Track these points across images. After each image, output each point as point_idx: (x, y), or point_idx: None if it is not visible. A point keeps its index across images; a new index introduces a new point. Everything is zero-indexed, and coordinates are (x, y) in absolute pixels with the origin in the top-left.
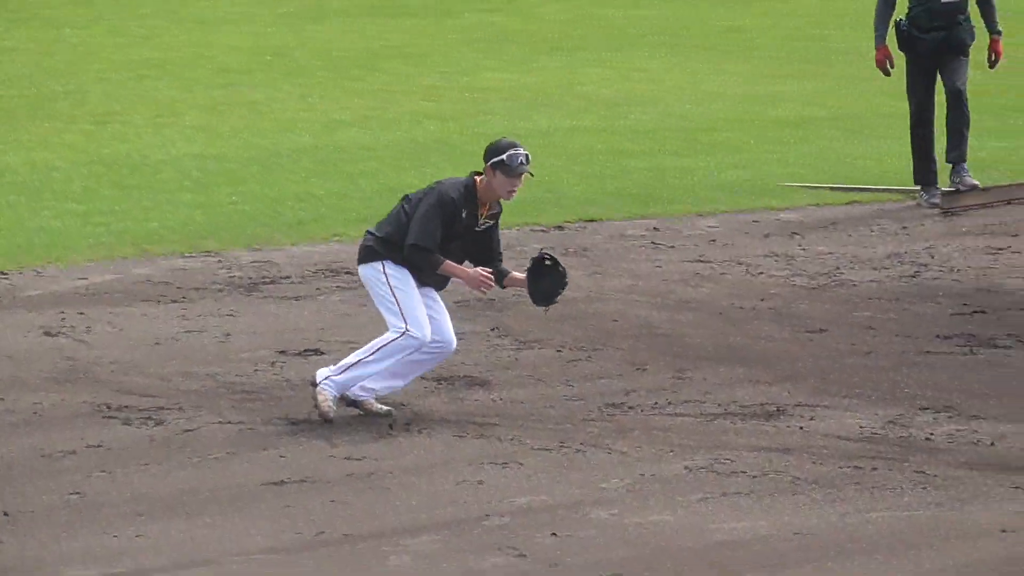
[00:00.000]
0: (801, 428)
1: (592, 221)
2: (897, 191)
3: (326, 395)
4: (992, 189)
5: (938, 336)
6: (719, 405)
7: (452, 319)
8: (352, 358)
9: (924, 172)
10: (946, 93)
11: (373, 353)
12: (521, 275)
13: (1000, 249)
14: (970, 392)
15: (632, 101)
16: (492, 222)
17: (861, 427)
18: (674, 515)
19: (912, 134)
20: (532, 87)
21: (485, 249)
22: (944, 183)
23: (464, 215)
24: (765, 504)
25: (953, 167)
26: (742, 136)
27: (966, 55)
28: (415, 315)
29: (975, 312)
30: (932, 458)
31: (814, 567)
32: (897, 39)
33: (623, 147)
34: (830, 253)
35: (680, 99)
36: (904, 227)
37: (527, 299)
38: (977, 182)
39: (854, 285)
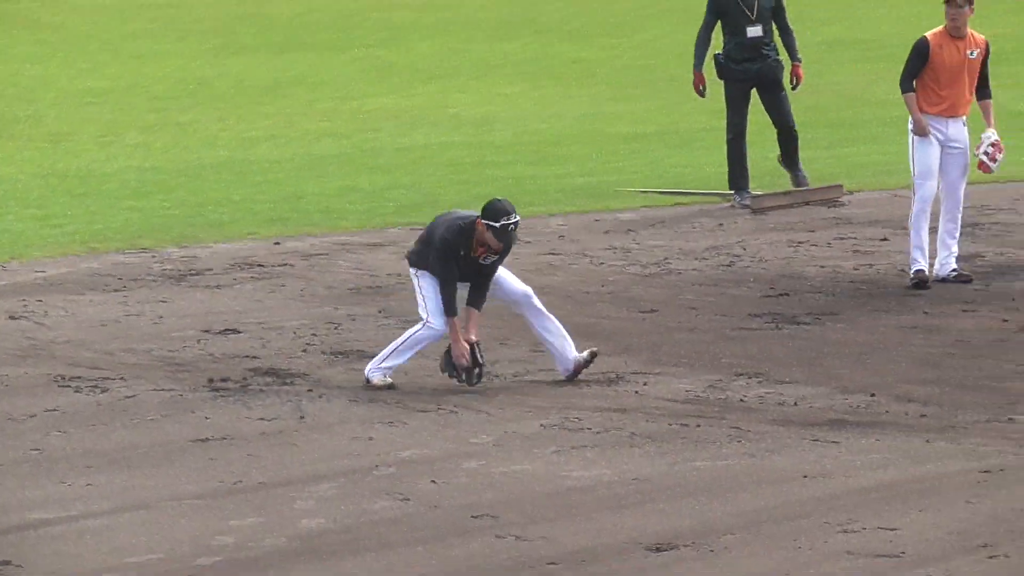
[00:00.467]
0: (636, 392)
1: None
2: (714, 195)
3: (378, 377)
4: (792, 192)
5: (750, 315)
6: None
7: (344, 304)
8: (388, 350)
9: (738, 178)
10: (779, 127)
11: (404, 342)
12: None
13: (800, 242)
14: (777, 361)
15: (494, 121)
16: (496, 257)
17: (687, 391)
18: (532, 465)
19: (729, 147)
20: (411, 109)
21: (483, 280)
22: (755, 187)
23: (462, 253)
24: (608, 455)
25: (791, 172)
26: (585, 149)
27: (782, 88)
28: (435, 309)
29: (780, 295)
30: (746, 416)
31: (649, 507)
32: (716, 69)
33: (487, 159)
34: (659, 246)
35: (533, 119)
36: (720, 224)
37: (410, 286)
38: (807, 180)
39: (680, 273)
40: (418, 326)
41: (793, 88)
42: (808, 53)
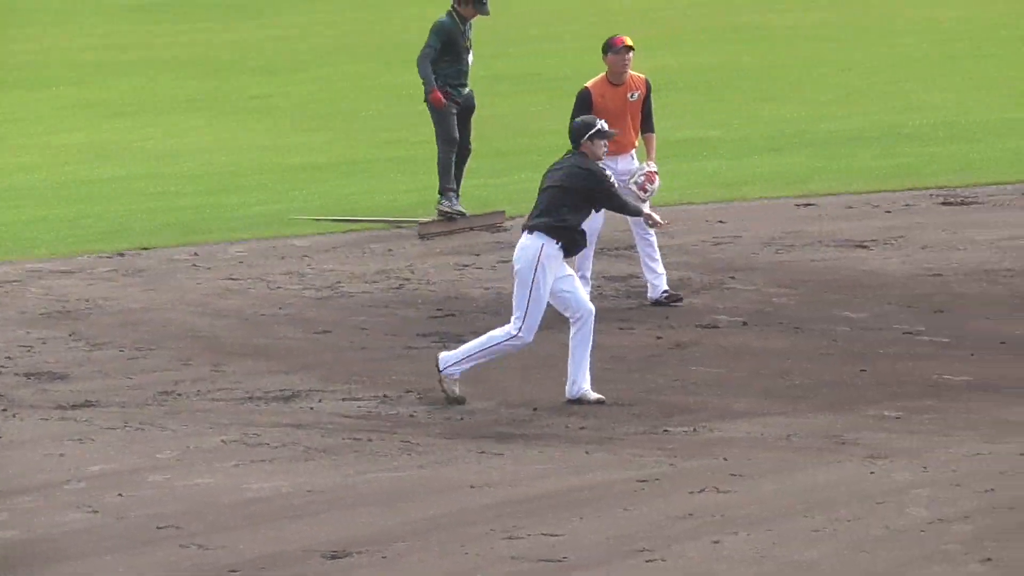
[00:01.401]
0: (312, 408)
1: (147, 249)
2: (383, 221)
3: (453, 375)
4: (458, 219)
5: (418, 334)
6: (247, 391)
7: (36, 328)
8: (467, 351)
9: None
10: (465, 148)
11: (485, 349)
12: None
13: (466, 265)
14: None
15: (178, 153)
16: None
17: (359, 407)
18: (214, 478)
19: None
20: (103, 143)
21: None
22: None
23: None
24: (285, 468)
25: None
26: (264, 179)
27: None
28: (532, 325)
29: (447, 315)
30: (416, 430)
31: (325, 516)
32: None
33: (171, 189)
34: (332, 270)
35: (216, 151)
36: (390, 249)
37: (97, 310)
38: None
39: (352, 296)
40: (503, 335)
41: None
42: (476, 85)
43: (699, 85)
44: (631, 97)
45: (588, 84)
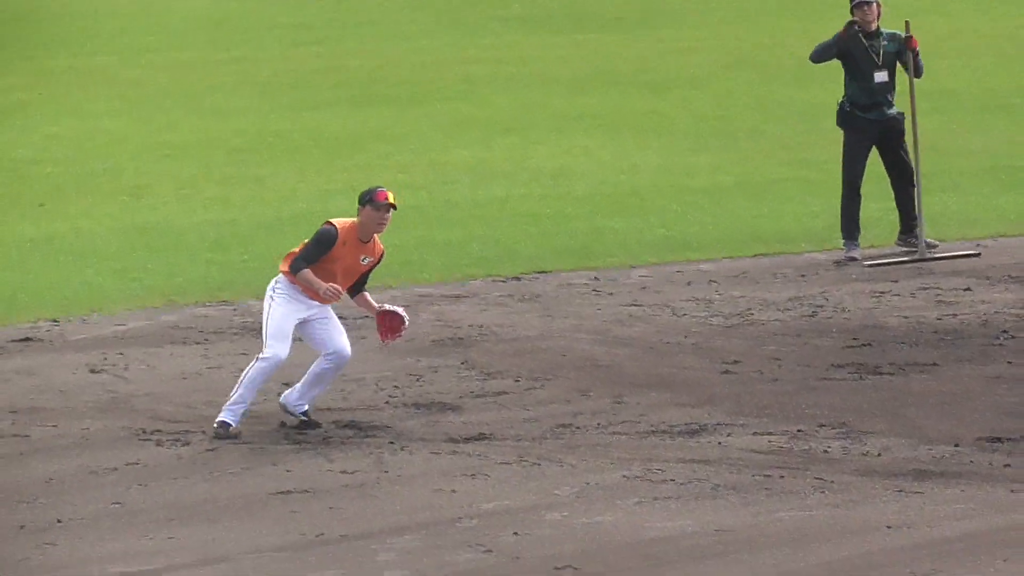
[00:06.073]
0: (720, 443)
1: (543, 272)
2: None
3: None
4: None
5: (833, 365)
6: (651, 424)
7: (426, 356)
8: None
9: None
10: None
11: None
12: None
13: (883, 293)
14: (860, 411)
15: (572, 173)
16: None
17: (770, 442)
18: (614, 516)
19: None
20: (489, 162)
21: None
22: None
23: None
24: (690, 507)
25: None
26: (663, 200)
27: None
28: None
29: (863, 345)
30: (829, 467)
31: (732, 559)
32: (838, 117)
33: (566, 211)
34: (742, 297)
35: (611, 171)
36: (803, 275)
37: (491, 337)
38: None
39: (762, 324)
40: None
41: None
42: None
43: None
44: (363, 260)
45: (338, 226)
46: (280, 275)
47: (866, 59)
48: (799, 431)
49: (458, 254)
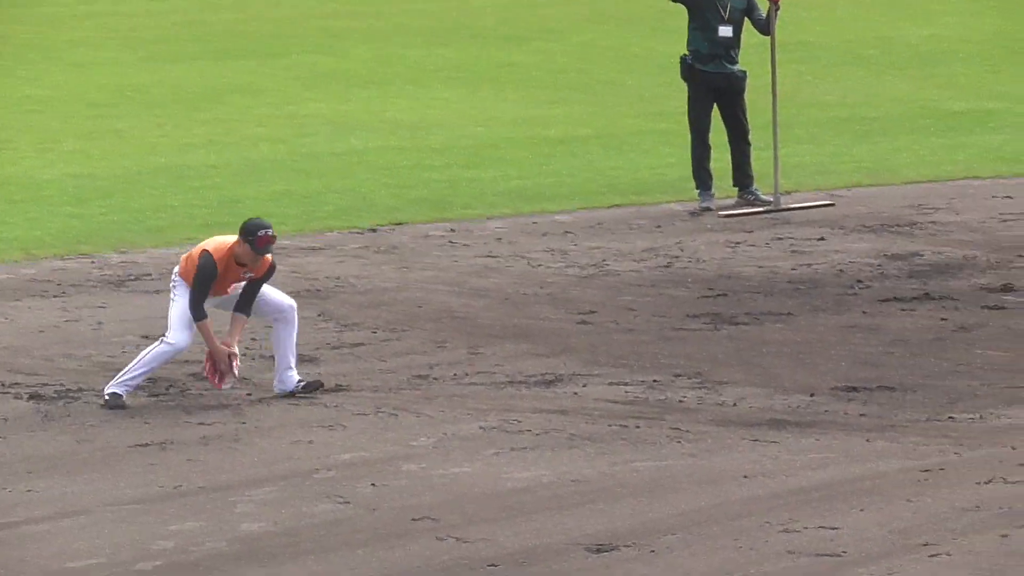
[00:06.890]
0: (576, 393)
1: (400, 224)
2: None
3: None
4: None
5: (688, 315)
6: (507, 375)
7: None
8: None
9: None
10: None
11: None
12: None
13: (737, 243)
14: (715, 361)
15: (429, 125)
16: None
17: (626, 392)
18: (472, 467)
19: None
20: (347, 114)
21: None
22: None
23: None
24: (547, 457)
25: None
26: (520, 152)
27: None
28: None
29: (718, 295)
30: (685, 417)
31: (589, 508)
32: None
33: (423, 162)
34: (597, 248)
35: (469, 122)
36: (658, 226)
37: (348, 289)
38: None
39: (618, 274)
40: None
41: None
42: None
43: (976, 56)
44: (245, 275)
45: (216, 255)
46: (180, 276)
47: (713, 12)
48: (655, 381)
49: (316, 206)
